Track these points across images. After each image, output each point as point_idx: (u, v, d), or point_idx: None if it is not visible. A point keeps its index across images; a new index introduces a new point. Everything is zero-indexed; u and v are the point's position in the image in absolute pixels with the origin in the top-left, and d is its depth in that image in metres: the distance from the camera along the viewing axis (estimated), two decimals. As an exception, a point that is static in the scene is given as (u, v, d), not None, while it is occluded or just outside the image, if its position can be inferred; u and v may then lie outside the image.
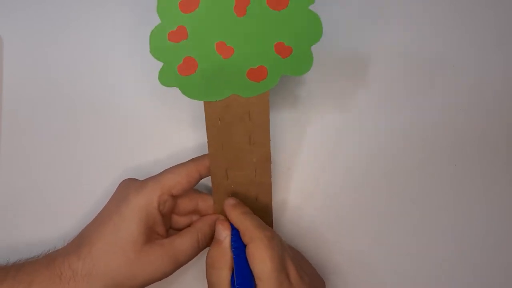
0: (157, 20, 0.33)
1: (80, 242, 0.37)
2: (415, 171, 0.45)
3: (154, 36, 0.33)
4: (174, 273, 0.38)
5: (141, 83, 0.44)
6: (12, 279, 0.35)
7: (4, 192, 0.44)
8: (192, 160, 0.40)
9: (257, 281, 0.34)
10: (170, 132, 0.45)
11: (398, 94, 0.45)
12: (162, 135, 0.45)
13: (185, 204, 0.41)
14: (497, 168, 0.45)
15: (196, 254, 0.39)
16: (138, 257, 0.36)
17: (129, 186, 0.38)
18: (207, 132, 0.37)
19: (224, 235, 0.37)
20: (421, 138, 0.45)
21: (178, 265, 0.38)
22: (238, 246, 0.36)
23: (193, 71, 0.35)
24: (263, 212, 0.40)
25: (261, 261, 0.34)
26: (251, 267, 0.35)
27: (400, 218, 0.45)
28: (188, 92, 0.35)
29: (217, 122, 0.37)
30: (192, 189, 0.41)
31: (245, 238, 0.36)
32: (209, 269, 0.37)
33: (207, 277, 0.37)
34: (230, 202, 0.38)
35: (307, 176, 0.45)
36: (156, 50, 0.34)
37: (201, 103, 0.36)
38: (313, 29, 0.34)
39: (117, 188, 0.39)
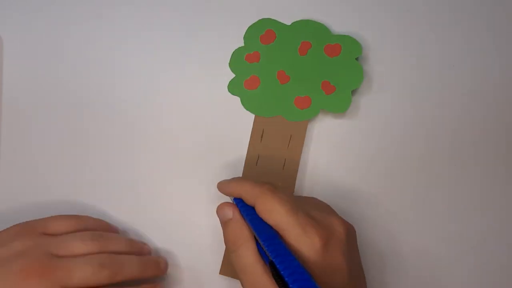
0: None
1: None
2: (415, 171, 0.44)
3: (235, 54, 0.44)
4: None
5: (141, 82, 0.45)
6: None
7: (4, 194, 0.44)
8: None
9: (280, 232, 0.33)
10: (176, 131, 0.45)
11: (397, 93, 0.45)
12: (165, 134, 0.45)
13: None
14: (497, 168, 0.43)
15: None
16: None
17: None
18: (250, 140, 0.44)
19: (230, 212, 0.36)
20: (421, 138, 0.44)
21: None
22: (248, 212, 0.35)
23: (255, 87, 0.44)
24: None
25: (273, 211, 0.33)
26: (268, 222, 0.34)
27: (400, 219, 0.44)
28: (246, 104, 0.44)
29: (260, 133, 0.44)
30: None
31: (250, 200, 0.35)
32: (233, 252, 0.34)
33: (235, 265, 0.34)
34: (220, 181, 0.39)
35: (306, 177, 0.44)
36: (233, 65, 0.44)
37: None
38: (356, 77, 0.43)
39: None
